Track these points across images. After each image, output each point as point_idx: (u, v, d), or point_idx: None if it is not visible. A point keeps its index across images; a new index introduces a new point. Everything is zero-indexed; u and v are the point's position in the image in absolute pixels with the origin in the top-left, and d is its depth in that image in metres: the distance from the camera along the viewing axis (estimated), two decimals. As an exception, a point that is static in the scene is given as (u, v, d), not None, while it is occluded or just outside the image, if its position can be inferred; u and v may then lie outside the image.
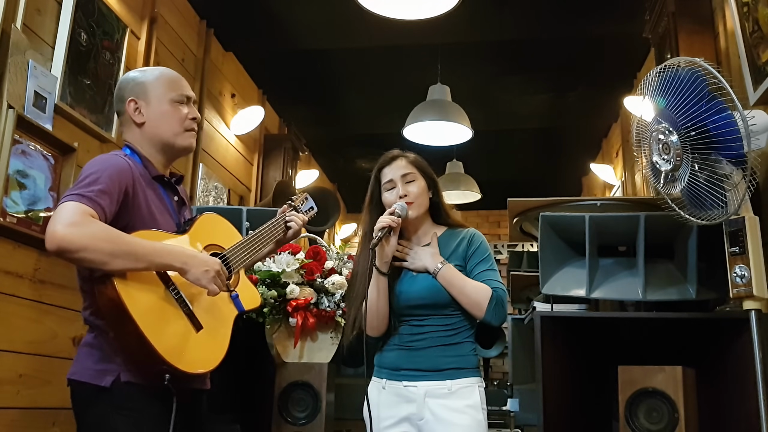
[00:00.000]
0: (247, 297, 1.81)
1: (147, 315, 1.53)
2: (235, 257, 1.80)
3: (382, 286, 1.92)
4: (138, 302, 1.53)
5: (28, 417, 2.54)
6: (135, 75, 1.82)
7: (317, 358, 2.49)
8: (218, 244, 1.81)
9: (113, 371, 1.57)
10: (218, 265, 1.65)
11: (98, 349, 1.61)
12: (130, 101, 1.76)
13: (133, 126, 1.78)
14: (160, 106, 1.77)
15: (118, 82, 1.85)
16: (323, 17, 4.26)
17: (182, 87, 1.82)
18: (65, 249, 1.46)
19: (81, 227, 1.48)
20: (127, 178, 1.65)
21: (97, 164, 1.64)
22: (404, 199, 1.95)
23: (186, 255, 1.61)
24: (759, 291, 1.87)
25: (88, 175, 1.60)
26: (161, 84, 1.79)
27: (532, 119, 5.84)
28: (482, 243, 1.99)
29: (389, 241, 1.92)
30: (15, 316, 2.52)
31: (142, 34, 3.51)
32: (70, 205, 1.52)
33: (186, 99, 1.81)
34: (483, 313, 1.87)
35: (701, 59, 1.91)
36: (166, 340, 1.54)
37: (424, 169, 2.04)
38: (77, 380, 1.61)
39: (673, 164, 1.98)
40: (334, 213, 4.74)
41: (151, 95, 1.77)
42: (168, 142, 1.78)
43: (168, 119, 1.77)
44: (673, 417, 2.04)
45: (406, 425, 1.87)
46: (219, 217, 1.91)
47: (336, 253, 2.63)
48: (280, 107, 5.70)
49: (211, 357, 1.65)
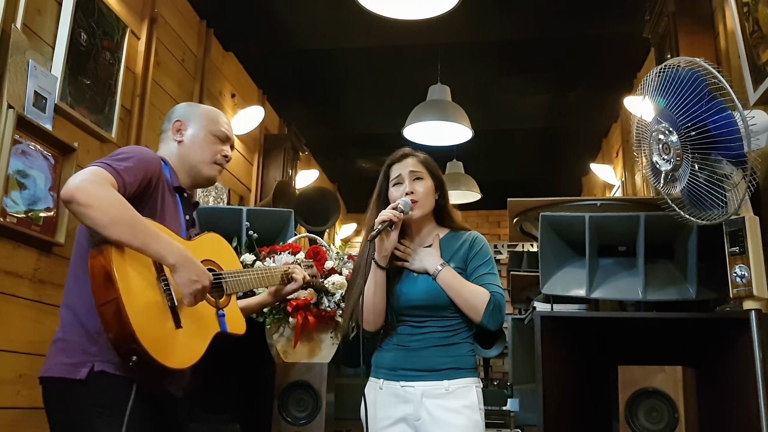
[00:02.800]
0: (232, 321, 1.81)
1: (132, 291, 1.51)
2: (232, 280, 1.82)
3: (379, 280, 1.92)
4: (127, 276, 1.52)
5: (28, 417, 2.54)
6: (189, 104, 2.02)
7: (317, 358, 2.49)
8: (216, 261, 1.82)
9: (87, 363, 1.56)
10: (208, 281, 1.63)
11: (69, 343, 1.61)
12: (176, 121, 1.94)
13: (171, 142, 1.92)
14: (199, 133, 1.92)
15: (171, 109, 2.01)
16: (323, 17, 4.26)
17: (224, 126, 1.97)
18: (76, 199, 1.49)
19: (98, 187, 1.53)
20: (155, 170, 1.73)
21: (135, 149, 1.74)
22: (410, 196, 1.95)
23: (184, 256, 1.60)
24: (759, 291, 1.87)
25: (121, 152, 1.69)
26: (207, 117, 1.96)
27: (532, 119, 5.84)
28: (483, 246, 1.99)
29: (389, 236, 1.92)
30: (15, 316, 2.52)
31: (142, 34, 3.51)
32: (95, 168, 1.58)
33: (225, 138, 1.96)
34: (480, 317, 1.87)
35: (701, 59, 1.91)
36: (142, 320, 1.50)
37: (433, 170, 2.04)
38: (49, 377, 1.60)
39: (673, 164, 1.98)
40: (334, 213, 4.74)
41: (194, 122, 1.94)
42: (195, 166, 1.90)
43: (202, 146, 1.92)
44: (673, 417, 2.04)
45: (402, 425, 1.87)
46: (223, 240, 1.95)
47: (336, 253, 2.63)
48: (280, 107, 5.70)
49: (182, 356, 1.60)
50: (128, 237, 1.52)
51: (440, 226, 2.06)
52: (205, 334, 1.70)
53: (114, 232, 1.51)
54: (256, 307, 2.12)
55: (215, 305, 1.74)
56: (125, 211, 1.53)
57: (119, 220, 1.51)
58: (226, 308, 1.79)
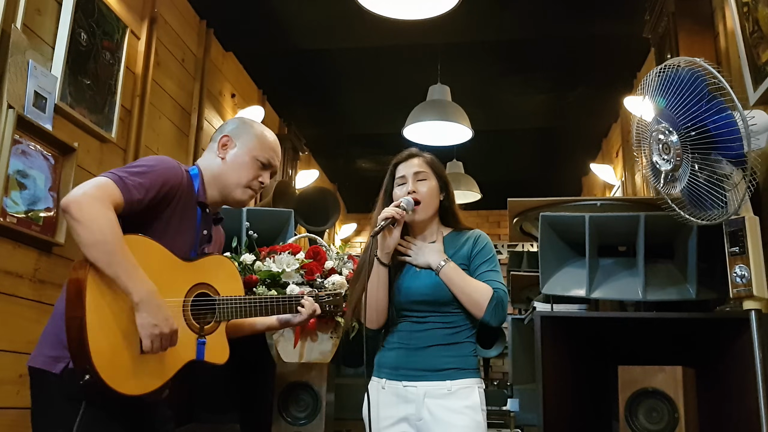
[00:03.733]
0: (213, 350, 1.75)
1: (100, 312, 1.52)
2: (225, 307, 1.79)
3: (382, 277, 1.93)
4: (99, 297, 1.52)
5: (28, 417, 2.53)
6: (244, 121, 1.94)
7: (317, 358, 2.49)
8: (212, 285, 1.78)
9: (64, 358, 1.57)
10: (170, 329, 1.59)
11: (53, 336, 1.62)
12: (224, 136, 1.88)
13: (214, 156, 1.88)
14: (244, 156, 1.87)
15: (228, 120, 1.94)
16: (323, 17, 4.26)
17: (271, 153, 1.91)
18: (69, 211, 1.52)
19: (95, 203, 1.53)
20: (174, 186, 1.70)
21: (156, 160, 1.71)
22: (412, 195, 1.96)
23: (150, 298, 1.56)
24: (759, 291, 1.86)
25: (142, 164, 1.67)
26: (256, 140, 1.89)
27: (532, 119, 5.84)
28: (487, 244, 2.00)
29: (391, 233, 1.92)
30: (15, 316, 2.52)
31: (142, 34, 3.51)
32: (105, 180, 1.58)
33: (268, 165, 1.90)
34: (482, 313, 1.87)
35: (701, 59, 1.91)
36: (103, 344, 1.51)
37: (438, 170, 2.05)
38: (32, 366, 1.63)
39: (673, 164, 1.98)
40: (334, 213, 4.74)
41: (242, 141, 1.88)
42: (228, 187, 1.86)
43: (241, 169, 1.86)
44: (673, 417, 2.04)
45: (404, 425, 1.87)
46: (231, 263, 1.89)
47: (336, 253, 2.63)
48: (280, 107, 5.70)
49: (140, 383, 1.58)
50: (103, 263, 1.53)
51: (444, 226, 2.07)
52: (175, 361, 1.66)
53: (91, 254, 1.52)
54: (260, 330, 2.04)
55: (198, 331, 1.71)
56: (110, 237, 1.52)
57: (100, 244, 1.51)
58: (211, 335, 1.75)
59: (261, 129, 1.94)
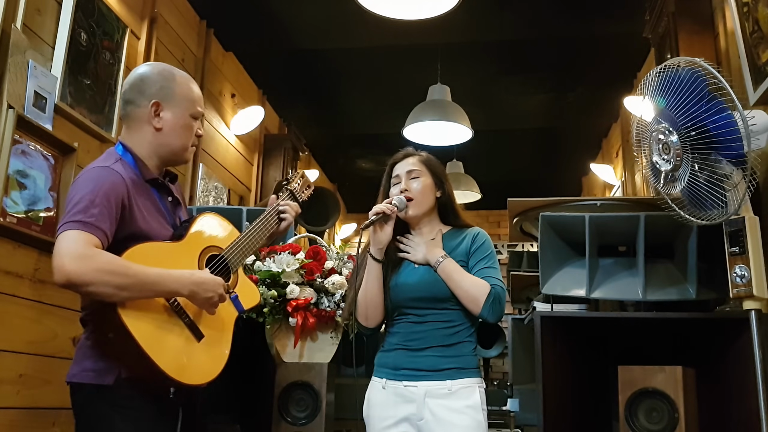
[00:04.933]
0: (246, 296, 1.84)
1: (149, 333, 1.56)
2: (234, 257, 1.82)
3: (375, 274, 1.93)
4: (140, 322, 1.55)
5: (28, 417, 2.54)
6: (164, 76, 1.77)
7: (317, 358, 2.49)
8: (215, 245, 1.81)
9: (114, 369, 1.57)
10: (221, 287, 1.68)
11: (96, 348, 1.61)
12: (153, 103, 1.73)
13: (146, 127, 1.73)
14: (182, 119, 1.77)
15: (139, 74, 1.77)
16: (323, 17, 4.26)
17: (201, 102, 1.83)
18: (74, 284, 1.48)
19: (87, 261, 1.49)
20: (121, 192, 1.62)
21: (90, 183, 1.60)
22: (404, 193, 1.98)
23: (192, 282, 1.63)
24: (759, 291, 1.86)
25: (83, 196, 1.56)
26: (187, 97, 1.79)
27: (532, 119, 5.84)
28: (486, 241, 2.00)
29: (383, 228, 1.94)
30: (15, 316, 2.52)
31: (142, 34, 3.51)
32: (72, 234, 1.51)
33: (201, 115, 1.83)
34: (479, 309, 1.87)
35: (701, 59, 1.91)
36: (168, 357, 1.57)
37: (433, 168, 2.06)
38: (77, 382, 1.61)
39: (673, 164, 1.98)
40: (334, 213, 4.74)
41: (176, 105, 1.76)
42: (176, 153, 1.79)
43: (185, 133, 1.78)
44: (673, 417, 2.04)
45: (405, 425, 1.87)
46: (214, 215, 1.90)
47: (336, 253, 2.63)
48: (280, 107, 5.70)
49: (213, 366, 1.69)
50: (139, 294, 1.55)
51: (444, 223, 2.07)
52: (226, 327, 1.76)
53: (123, 297, 1.52)
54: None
55: (227, 290, 1.74)
56: (125, 272, 1.52)
57: (124, 284, 1.51)
58: (237, 286, 1.82)
59: (183, 80, 1.81)
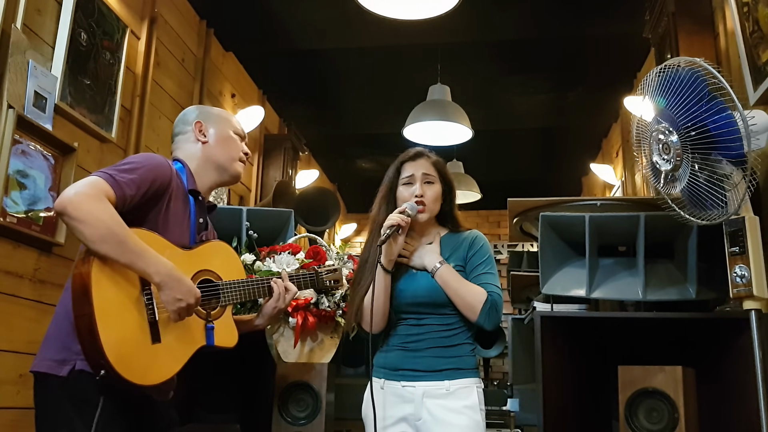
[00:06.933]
0: (223, 334, 1.77)
1: (108, 306, 1.53)
2: (229, 292, 1.80)
3: (385, 284, 1.92)
4: (105, 291, 1.53)
5: (28, 417, 2.53)
6: (200, 106, 2.02)
7: (317, 358, 2.49)
8: (214, 271, 1.80)
9: (70, 360, 1.58)
10: (194, 299, 1.64)
11: (57, 339, 1.62)
12: (196, 123, 1.92)
13: (193, 143, 1.90)
14: (224, 133, 1.94)
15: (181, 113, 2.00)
16: (323, 17, 4.26)
17: (240, 125, 2.01)
18: (67, 213, 1.50)
19: (91, 201, 1.52)
20: (164, 180, 1.71)
21: (143, 158, 1.72)
22: (417, 199, 1.95)
23: (169, 275, 1.60)
24: (759, 291, 1.87)
25: (130, 162, 1.68)
26: (226, 117, 1.99)
27: (532, 119, 5.84)
28: (484, 245, 1.99)
29: (396, 240, 1.92)
30: (15, 316, 2.52)
31: (142, 34, 3.51)
32: (94, 179, 1.58)
33: (244, 135, 2.00)
34: (476, 316, 1.87)
35: (701, 59, 1.91)
36: (114, 338, 1.52)
37: (444, 174, 2.05)
38: (37, 371, 1.63)
39: (673, 164, 1.98)
40: (334, 213, 4.74)
41: (215, 122, 1.94)
42: (223, 164, 1.91)
43: (229, 145, 1.93)
44: (673, 417, 2.04)
45: (403, 425, 1.87)
46: (229, 248, 1.91)
47: (336, 253, 2.63)
48: (280, 107, 5.70)
49: (154, 373, 1.60)
50: (115, 254, 1.54)
51: (441, 226, 2.07)
52: (188, 346, 1.69)
53: (102, 249, 1.52)
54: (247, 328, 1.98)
55: (206, 317, 1.73)
56: (115, 228, 1.53)
57: (108, 237, 1.52)
58: (218, 320, 1.77)
59: (218, 108, 2.04)
